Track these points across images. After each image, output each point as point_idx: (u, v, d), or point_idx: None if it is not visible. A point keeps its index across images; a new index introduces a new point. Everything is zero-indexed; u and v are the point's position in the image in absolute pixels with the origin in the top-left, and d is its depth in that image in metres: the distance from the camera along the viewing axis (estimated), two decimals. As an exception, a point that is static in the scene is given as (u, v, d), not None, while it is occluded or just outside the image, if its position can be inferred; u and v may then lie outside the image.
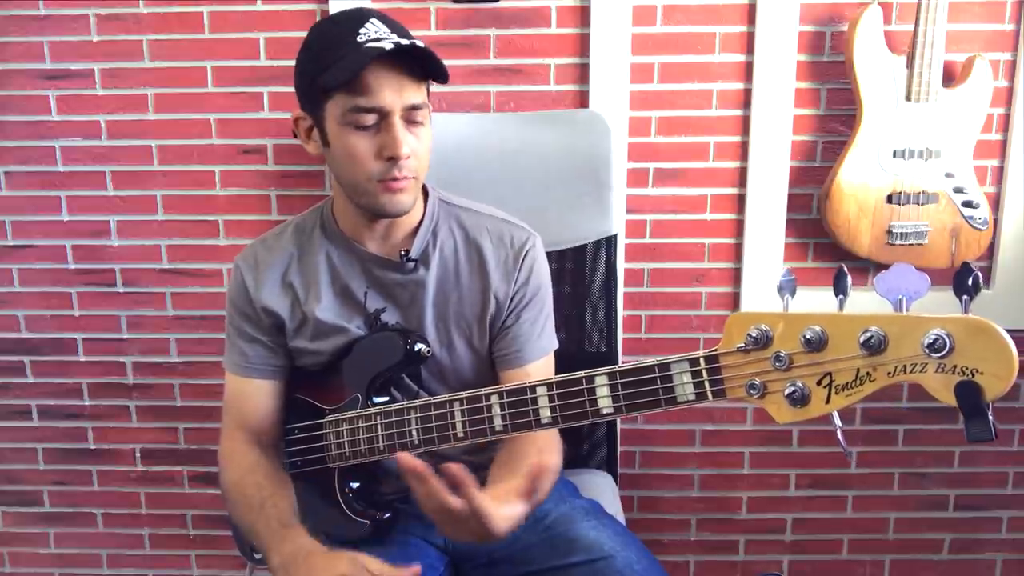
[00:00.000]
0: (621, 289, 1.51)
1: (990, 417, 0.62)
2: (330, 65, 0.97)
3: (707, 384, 0.77)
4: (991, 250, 1.60)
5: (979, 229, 1.52)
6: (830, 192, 1.52)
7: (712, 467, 1.76)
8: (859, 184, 1.51)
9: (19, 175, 1.66)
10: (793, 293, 0.74)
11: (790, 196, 1.60)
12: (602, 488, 1.41)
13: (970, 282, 0.65)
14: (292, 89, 1.07)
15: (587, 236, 1.42)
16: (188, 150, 1.63)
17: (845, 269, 0.72)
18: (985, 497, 1.76)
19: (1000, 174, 1.59)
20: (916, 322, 0.65)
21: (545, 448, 1.04)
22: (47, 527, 1.84)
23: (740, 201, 1.62)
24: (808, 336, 0.70)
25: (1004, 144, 1.58)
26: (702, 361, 0.77)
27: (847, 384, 0.69)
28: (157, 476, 1.80)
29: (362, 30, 0.97)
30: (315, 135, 1.06)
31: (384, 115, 0.99)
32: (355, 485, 1.12)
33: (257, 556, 1.23)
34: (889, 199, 1.51)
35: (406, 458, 0.85)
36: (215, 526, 1.82)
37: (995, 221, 1.60)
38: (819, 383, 0.70)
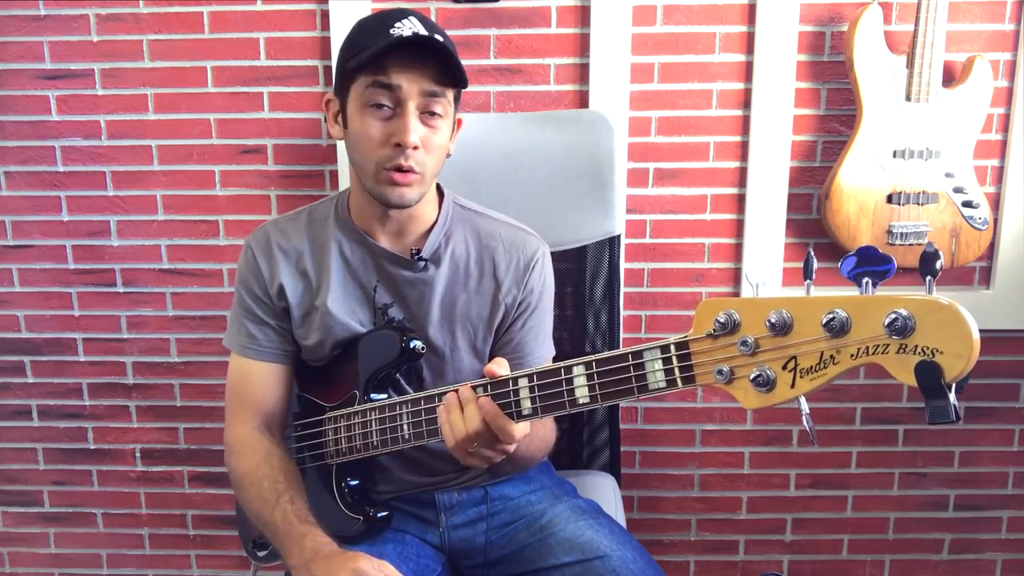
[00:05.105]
0: (622, 289, 1.51)
1: (952, 399, 0.61)
2: (361, 50, 1.01)
3: (677, 371, 0.77)
4: (991, 250, 1.60)
5: (979, 229, 1.52)
6: (830, 192, 1.52)
7: (712, 467, 1.76)
8: (859, 184, 1.51)
9: (19, 175, 1.66)
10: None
11: (790, 196, 1.60)
12: (604, 489, 1.41)
13: (938, 265, 0.64)
14: (292, 89, 1.08)
15: (591, 236, 1.42)
16: (188, 150, 1.63)
17: (812, 254, 0.72)
18: (985, 497, 1.76)
19: (1000, 174, 1.59)
20: (878, 303, 0.64)
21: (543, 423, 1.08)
22: (47, 527, 1.84)
23: (740, 201, 1.62)
24: (773, 320, 0.69)
25: (1004, 144, 1.58)
26: (672, 348, 0.77)
27: (812, 367, 0.68)
28: (157, 476, 1.80)
29: (398, 24, 1.01)
30: (340, 119, 1.09)
31: (400, 102, 1.01)
32: (353, 483, 1.13)
33: (260, 554, 1.23)
34: (889, 199, 1.51)
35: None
36: (215, 526, 1.82)
37: (995, 221, 1.60)
38: (784, 367, 0.70)
